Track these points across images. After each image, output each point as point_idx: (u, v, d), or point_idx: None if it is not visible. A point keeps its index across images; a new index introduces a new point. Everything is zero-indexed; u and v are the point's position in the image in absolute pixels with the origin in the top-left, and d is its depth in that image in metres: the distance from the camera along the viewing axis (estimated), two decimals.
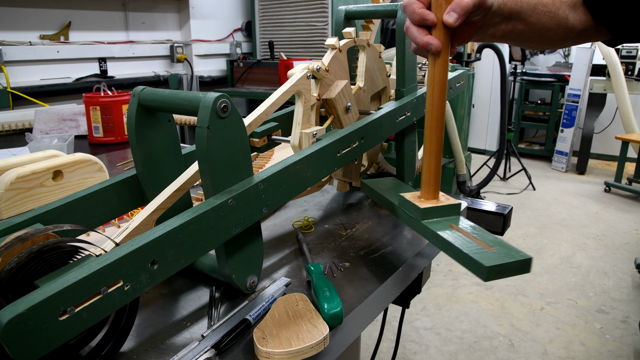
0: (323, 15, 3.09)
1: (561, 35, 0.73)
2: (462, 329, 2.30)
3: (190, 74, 3.30)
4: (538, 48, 0.81)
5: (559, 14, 0.71)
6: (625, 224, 3.51)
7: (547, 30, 0.71)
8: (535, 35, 0.72)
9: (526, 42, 0.74)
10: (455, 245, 0.63)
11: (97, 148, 1.68)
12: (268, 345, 0.56)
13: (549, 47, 0.78)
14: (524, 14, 0.69)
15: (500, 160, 3.82)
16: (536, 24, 0.70)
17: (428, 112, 0.70)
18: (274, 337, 0.57)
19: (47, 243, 0.50)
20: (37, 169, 0.95)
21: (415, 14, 0.62)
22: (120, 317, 0.56)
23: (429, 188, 0.74)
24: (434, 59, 0.66)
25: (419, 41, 0.64)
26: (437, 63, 0.66)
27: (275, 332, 0.58)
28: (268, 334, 0.58)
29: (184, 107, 0.63)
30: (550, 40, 0.74)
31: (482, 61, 4.72)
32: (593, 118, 4.64)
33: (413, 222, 0.73)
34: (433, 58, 0.66)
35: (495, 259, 0.58)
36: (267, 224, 0.97)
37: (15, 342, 0.42)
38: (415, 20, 0.63)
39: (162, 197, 0.67)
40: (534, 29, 0.71)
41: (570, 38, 0.74)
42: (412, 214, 0.73)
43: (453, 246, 0.63)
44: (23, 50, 2.41)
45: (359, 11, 1.04)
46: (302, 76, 0.82)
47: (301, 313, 0.62)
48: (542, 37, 0.72)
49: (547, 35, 0.72)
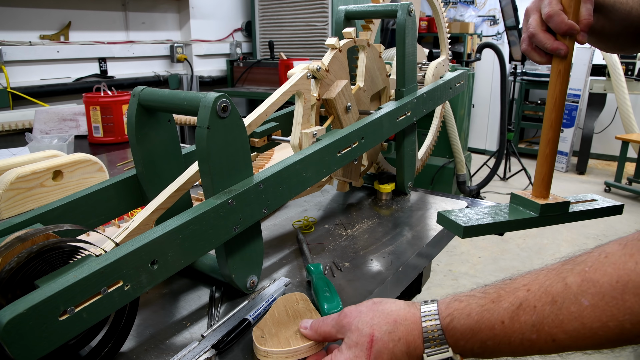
0: (323, 15, 3.09)
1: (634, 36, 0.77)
2: None
3: (190, 74, 3.30)
4: (619, 50, 0.85)
5: (632, 14, 0.75)
6: (625, 224, 3.51)
7: (624, 28, 0.76)
8: (614, 33, 0.77)
9: (607, 41, 0.80)
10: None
11: (97, 148, 1.68)
12: (267, 344, 0.56)
13: (627, 49, 0.83)
14: (606, 9, 0.75)
15: (500, 160, 3.82)
16: (614, 20, 0.75)
17: (550, 109, 0.76)
18: (272, 336, 0.57)
19: (47, 243, 0.50)
20: (37, 169, 0.95)
21: (564, 24, 0.68)
22: (120, 317, 0.56)
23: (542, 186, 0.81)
24: (559, 62, 0.73)
25: (548, 46, 0.70)
26: (562, 66, 0.73)
27: (275, 331, 0.58)
28: (267, 332, 0.58)
29: (184, 107, 0.63)
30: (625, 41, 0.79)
31: (482, 61, 4.72)
32: (593, 118, 4.63)
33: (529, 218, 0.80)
34: (558, 61, 0.73)
35: None
36: (267, 224, 0.97)
37: (15, 342, 0.42)
38: (561, 30, 0.69)
39: (162, 197, 0.67)
40: (613, 25, 0.76)
41: None
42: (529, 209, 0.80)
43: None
44: (23, 50, 2.41)
45: (359, 11, 1.04)
46: (302, 76, 0.82)
47: (301, 312, 0.62)
48: (620, 36, 0.77)
49: (623, 33, 0.77)
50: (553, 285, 0.44)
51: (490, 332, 0.46)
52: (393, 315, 0.50)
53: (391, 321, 0.50)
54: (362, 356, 0.49)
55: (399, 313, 0.50)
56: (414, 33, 1.01)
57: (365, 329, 0.50)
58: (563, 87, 0.74)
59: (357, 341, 0.50)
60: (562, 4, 0.70)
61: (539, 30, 0.71)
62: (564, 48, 0.70)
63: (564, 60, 0.72)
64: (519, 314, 0.45)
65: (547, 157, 0.78)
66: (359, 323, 0.51)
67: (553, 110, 0.75)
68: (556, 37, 0.71)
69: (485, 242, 3.18)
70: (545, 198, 0.79)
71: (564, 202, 0.79)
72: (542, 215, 0.78)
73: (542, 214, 0.77)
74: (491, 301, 0.47)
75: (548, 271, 0.46)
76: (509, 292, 0.46)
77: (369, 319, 0.51)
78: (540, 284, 0.45)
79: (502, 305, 0.46)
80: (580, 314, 0.42)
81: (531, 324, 0.44)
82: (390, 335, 0.49)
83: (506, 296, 0.46)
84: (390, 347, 0.48)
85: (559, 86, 0.74)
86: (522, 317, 0.45)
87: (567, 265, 0.45)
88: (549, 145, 0.77)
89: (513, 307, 0.45)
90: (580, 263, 0.44)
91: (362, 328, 0.50)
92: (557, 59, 0.72)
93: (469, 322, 0.47)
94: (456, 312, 0.48)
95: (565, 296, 0.43)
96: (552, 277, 0.45)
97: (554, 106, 0.75)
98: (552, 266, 0.46)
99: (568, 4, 0.69)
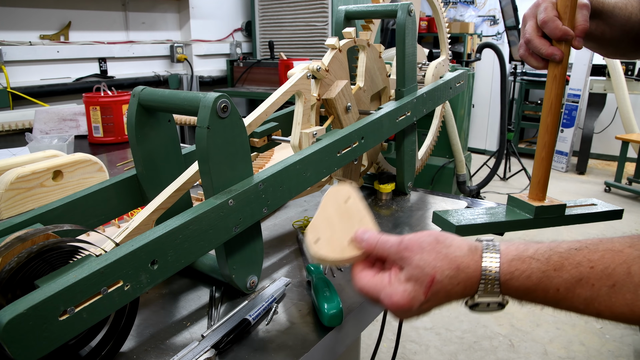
0: (323, 15, 3.09)
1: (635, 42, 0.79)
2: (462, 328, 2.30)
3: (190, 74, 3.30)
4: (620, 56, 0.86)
5: (632, 19, 0.77)
6: (626, 224, 3.50)
7: (624, 34, 0.78)
8: (615, 39, 0.78)
9: (608, 46, 0.81)
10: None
11: (97, 148, 1.68)
12: (321, 250, 0.56)
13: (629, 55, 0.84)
14: (605, 15, 0.76)
15: (500, 160, 3.82)
16: (614, 26, 0.77)
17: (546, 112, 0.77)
18: (326, 242, 0.57)
19: (47, 243, 0.50)
20: (37, 169, 0.95)
21: (558, 29, 0.70)
22: (120, 317, 0.56)
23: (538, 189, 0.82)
24: (554, 66, 0.74)
25: (543, 52, 0.72)
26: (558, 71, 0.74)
27: (328, 234, 0.58)
28: (321, 236, 0.58)
29: (184, 107, 0.63)
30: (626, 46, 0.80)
31: (482, 61, 4.71)
32: (593, 118, 4.63)
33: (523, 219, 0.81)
34: (554, 66, 0.74)
35: None
36: (267, 224, 0.97)
37: (15, 342, 0.42)
38: (556, 36, 0.71)
39: (162, 197, 0.67)
40: (613, 31, 0.77)
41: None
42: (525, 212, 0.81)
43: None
44: (23, 50, 2.41)
45: (359, 11, 1.04)
46: (302, 76, 0.82)
47: (351, 212, 0.61)
48: (621, 42, 0.79)
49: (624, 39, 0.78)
50: (617, 270, 0.47)
51: (544, 294, 0.50)
52: (457, 262, 0.52)
53: (454, 267, 0.52)
54: (420, 293, 0.52)
55: (463, 260, 0.52)
56: (414, 33, 1.01)
57: (427, 269, 0.52)
58: (559, 91, 0.75)
59: (417, 277, 0.52)
60: (557, 10, 0.71)
61: (535, 36, 0.73)
62: (559, 53, 0.72)
63: (560, 65, 0.73)
64: (576, 286, 0.48)
65: (543, 161, 0.79)
66: (420, 261, 0.52)
67: (549, 114, 0.76)
68: (552, 42, 0.72)
69: None
70: (541, 200, 0.80)
71: (560, 205, 0.80)
72: (536, 217, 0.79)
73: (537, 216, 0.79)
74: (553, 269, 0.49)
75: (615, 253, 0.48)
76: (573, 265, 0.49)
77: (431, 259, 0.52)
78: (605, 265, 0.47)
79: (563, 276, 0.49)
80: (634, 302, 0.45)
81: (584, 297, 0.48)
82: (451, 279, 0.52)
83: (569, 267, 0.49)
84: (448, 289, 0.52)
85: (554, 90, 0.75)
86: (578, 290, 0.48)
87: (636, 251, 0.48)
88: (545, 149, 0.78)
89: (573, 280, 0.48)
90: None
91: (424, 267, 0.52)
92: (552, 64, 0.74)
93: (527, 283, 0.50)
94: (517, 272, 0.50)
95: (625, 283, 0.46)
96: (618, 261, 0.47)
97: (550, 110, 0.76)
98: (620, 246, 0.49)
99: (563, 10, 0.71)
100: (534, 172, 0.80)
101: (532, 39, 0.73)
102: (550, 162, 0.79)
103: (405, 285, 0.52)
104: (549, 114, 0.76)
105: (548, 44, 0.72)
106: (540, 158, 0.79)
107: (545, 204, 0.79)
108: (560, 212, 0.80)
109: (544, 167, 0.79)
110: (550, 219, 0.80)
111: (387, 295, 0.53)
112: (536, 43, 0.73)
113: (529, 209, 0.80)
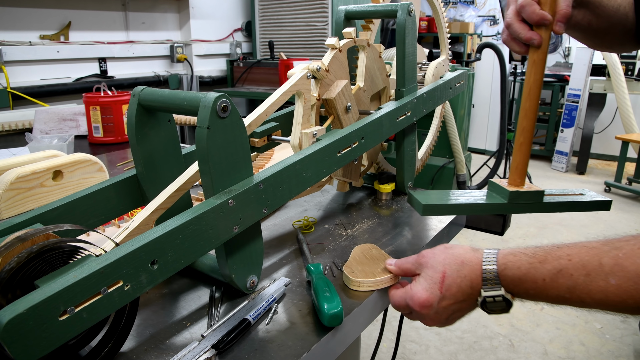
0: (323, 15, 3.09)
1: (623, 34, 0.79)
2: (462, 328, 2.30)
3: (190, 74, 3.30)
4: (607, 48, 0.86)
5: (620, 11, 0.77)
6: (625, 224, 3.50)
7: (611, 25, 0.77)
8: (602, 30, 0.78)
9: (594, 37, 0.81)
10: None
11: (97, 148, 1.68)
12: (358, 276, 0.71)
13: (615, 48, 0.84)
14: (593, 4, 0.76)
15: (500, 160, 3.81)
16: (602, 16, 0.77)
17: (525, 98, 0.77)
18: (360, 272, 0.72)
19: (47, 243, 0.50)
20: (37, 169, 0.95)
21: (535, 14, 0.70)
22: (120, 317, 0.56)
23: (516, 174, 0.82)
24: (534, 51, 0.73)
25: (522, 36, 0.72)
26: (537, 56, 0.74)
27: (361, 268, 0.74)
28: (355, 269, 0.73)
29: (184, 107, 0.63)
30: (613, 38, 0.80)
31: (482, 61, 4.72)
32: (593, 118, 4.63)
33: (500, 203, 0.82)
34: (533, 51, 0.73)
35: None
36: (267, 224, 0.97)
37: (15, 342, 0.42)
38: (533, 20, 0.71)
39: (162, 197, 0.67)
40: (600, 21, 0.77)
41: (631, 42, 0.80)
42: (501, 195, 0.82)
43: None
44: (23, 50, 2.41)
45: (359, 11, 1.04)
46: (302, 76, 0.82)
47: (375, 256, 0.77)
48: (607, 33, 0.79)
49: (611, 31, 0.78)
50: (590, 262, 0.54)
51: (533, 284, 0.57)
52: (461, 257, 0.62)
53: (459, 262, 0.62)
54: (436, 288, 0.62)
55: (466, 256, 0.62)
56: (414, 33, 1.01)
57: (439, 267, 0.62)
58: (537, 76, 0.74)
59: (432, 276, 0.63)
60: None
61: (515, 20, 0.73)
62: (537, 38, 0.71)
63: (539, 50, 0.73)
64: (558, 276, 0.56)
65: (522, 146, 0.78)
66: (433, 262, 0.64)
67: (528, 100, 0.76)
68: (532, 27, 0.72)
69: (485, 242, 3.18)
70: (519, 186, 0.80)
71: (537, 192, 0.79)
72: (510, 202, 0.79)
73: (510, 201, 0.79)
74: (538, 261, 0.57)
75: (589, 249, 0.55)
76: (554, 258, 0.57)
77: (441, 259, 0.63)
78: (581, 257, 0.55)
79: (546, 267, 0.57)
80: (606, 289, 0.52)
81: (566, 286, 0.55)
82: (458, 272, 0.61)
83: (551, 260, 0.57)
84: (458, 282, 0.61)
85: (533, 75, 0.75)
86: (560, 280, 0.55)
87: (606, 247, 0.55)
88: (523, 134, 0.78)
89: (555, 271, 0.56)
90: (617, 248, 0.54)
91: (436, 266, 0.63)
92: (532, 48, 0.73)
93: (517, 273, 0.58)
94: (510, 263, 0.59)
95: (597, 273, 0.53)
96: (592, 254, 0.55)
97: (529, 95, 0.76)
98: (594, 244, 0.56)
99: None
100: (513, 157, 0.80)
101: (511, 23, 0.73)
102: (529, 148, 0.78)
103: (423, 284, 0.62)
104: (527, 99, 0.76)
105: (527, 29, 0.72)
106: (519, 143, 0.78)
107: (520, 189, 0.79)
108: (537, 199, 0.79)
109: (522, 152, 0.79)
110: (526, 205, 0.79)
111: (410, 298, 0.63)
112: (515, 27, 0.72)
113: (505, 193, 0.79)
